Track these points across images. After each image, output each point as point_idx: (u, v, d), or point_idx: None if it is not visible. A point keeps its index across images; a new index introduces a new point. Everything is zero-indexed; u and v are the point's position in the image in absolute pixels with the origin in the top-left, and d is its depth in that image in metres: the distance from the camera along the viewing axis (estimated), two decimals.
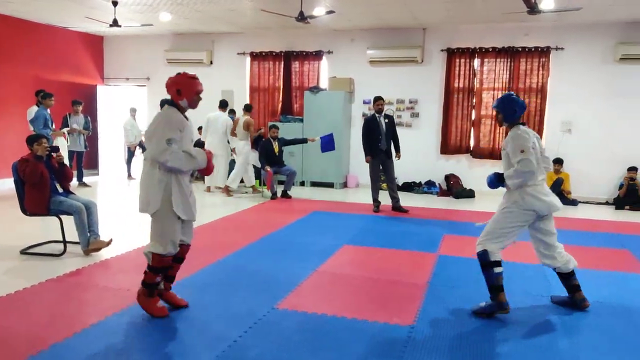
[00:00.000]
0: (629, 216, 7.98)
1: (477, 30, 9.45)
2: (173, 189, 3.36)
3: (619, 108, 8.93)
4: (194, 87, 3.42)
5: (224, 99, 9.58)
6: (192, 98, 3.43)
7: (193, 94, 3.42)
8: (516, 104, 3.79)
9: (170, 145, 3.24)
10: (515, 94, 3.97)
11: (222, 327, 3.42)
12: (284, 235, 6.05)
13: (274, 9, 7.83)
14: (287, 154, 9.50)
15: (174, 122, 3.32)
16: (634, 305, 4.00)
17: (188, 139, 3.41)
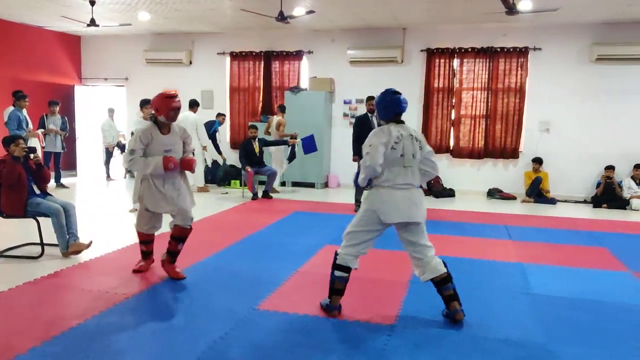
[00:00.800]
0: (607, 214, 8.13)
1: (457, 30, 9.55)
2: (144, 187, 4.26)
3: (596, 107, 9.10)
4: (167, 105, 4.11)
5: (194, 99, 9.50)
6: (168, 114, 4.14)
7: (168, 110, 4.12)
8: (385, 101, 3.58)
9: (132, 154, 4.14)
10: (395, 90, 3.66)
11: (203, 327, 3.40)
12: (265, 236, 6.03)
13: (254, 9, 7.81)
14: (266, 154, 9.46)
15: (141, 137, 4.16)
16: (612, 301, 4.07)
17: (157, 148, 4.16)
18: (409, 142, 3.50)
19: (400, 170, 3.48)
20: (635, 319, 3.73)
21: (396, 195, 3.46)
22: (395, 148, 3.45)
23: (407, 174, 3.50)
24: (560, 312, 3.82)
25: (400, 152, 3.46)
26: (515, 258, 5.25)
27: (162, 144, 4.16)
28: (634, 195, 8.63)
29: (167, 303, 3.86)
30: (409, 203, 3.48)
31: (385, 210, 3.46)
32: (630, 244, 6.07)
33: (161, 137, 4.16)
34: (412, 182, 3.53)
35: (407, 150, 3.48)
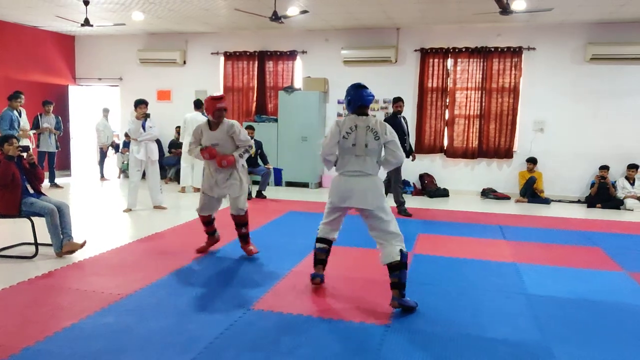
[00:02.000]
0: (601, 214, 8.16)
1: (450, 30, 9.57)
2: (205, 173, 5.06)
3: (590, 107, 9.14)
4: (213, 106, 4.82)
5: (199, 99, 9.47)
6: (214, 113, 4.86)
7: (213, 110, 4.83)
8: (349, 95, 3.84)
9: (189, 145, 5.02)
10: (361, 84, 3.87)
11: (198, 328, 3.39)
12: (259, 236, 6.01)
13: (247, 9, 7.80)
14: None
15: (194, 132, 5.02)
16: (607, 301, 4.09)
17: (207, 141, 4.90)
18: (363, 133, 3.71)
19: (351, 159, 3.74)
20: (629, 318, 3.75)
21: (346, 182, 3.78)
22: (346, 138, 3.72)
23: (358, 162, 3.74)
24: (555, 312, 3.84)
25: (352, 141, 3.72)
26: (510, 258, 5.26)
27: (211, 138, 4.87)
28: (628, 195, 8.68)
29: (162, 303, 3.84)
30: (357, 190, 3.73)
31: (333, 195, 3.88)
32: (625, 243, 6.10)
33: (210, 133, 4.88)
34: (363, 170, 3.75)
35: (359, 140, 3.71)
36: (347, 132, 3.72)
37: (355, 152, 3.72)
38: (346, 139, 3.72)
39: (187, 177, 9.29)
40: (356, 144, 3.71)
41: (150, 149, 7.34)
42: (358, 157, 3.73)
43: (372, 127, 3.74)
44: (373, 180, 3.79)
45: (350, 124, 3.74)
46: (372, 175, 3.79)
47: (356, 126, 3.73)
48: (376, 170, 3.83)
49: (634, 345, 3.31)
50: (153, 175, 7.45)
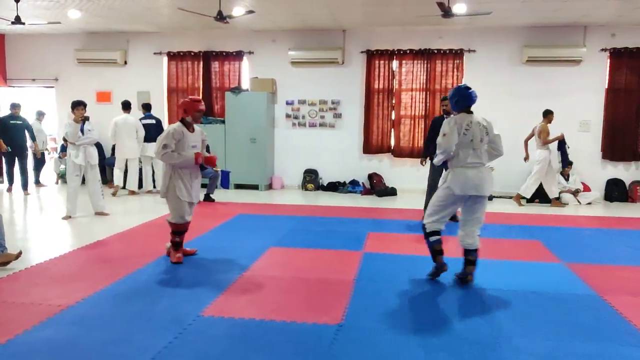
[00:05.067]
0: (539, 209, 8.52)
1: (395, 32, 9.73)
2: (175, 181, 4.77)
3: (527, 107, 9.52)
4: (195, 107, 4.76)
5: (127, 100, 9.37)
6: (195, 115, 4.79)
7: (195, 112, 4.77)
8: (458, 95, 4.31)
9: (165, 149, 4.65)
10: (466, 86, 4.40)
11: (146, 338, 3.26)
12: (208, 240, 5.89)
13: (191, 8, 7.63)
14: None
15: (174, 134, 4.70)
16: (549, 291, 4.26)
17: (186, 144, 4.75)
18: (477, 129, 4.21)
19: (470, 152, 4.20)
20: (571, 307, 3.93)
21: (468, 173, 4.19)
22: (465, 134, 4.15)
23: (476, 154, 4.22)
24: (500, 304, 3.96)
25: (470, 137, 4.17)
26: (456, 253, 5.37)
27: (190, 140, 4.78)
28: (563, 190, 9.11)
29: (107, 313, 3.67)
30: (478, 179, 4.20)
31: (458, 185, 4.19)
32: (561, 236, 6.40)
33: (189, 135, 4.78)
34: (481, 162, 4.26)
35: (475, 135, 4.18)
36: (466, 128, 4.15)
37: (473, 146, 4.19)
38: (465, 135, 4.14)
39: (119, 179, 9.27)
40: (473, 139, 4.18)
41: (89, 153, 7.04)
42: (475, 150, 4.20)
43: (483, 124, 4.28)
44: (488, 170, 4.35)
45: (466, 120, 4.18)
46: (486, 165, 4.33)
47: (472, 122, 4.19)
48: (487, 160, 4.35)
49: (574, 332, 3.46)
50: (93, 180, 7.15)
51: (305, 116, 10.25)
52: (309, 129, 10.28)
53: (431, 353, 3.13)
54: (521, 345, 3.24)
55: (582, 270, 4.83)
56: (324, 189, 10.19)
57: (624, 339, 3.37)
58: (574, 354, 3.15)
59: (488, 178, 4.28)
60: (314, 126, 10.26)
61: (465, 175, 4.19)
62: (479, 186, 4.19)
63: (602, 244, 6.03)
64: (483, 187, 4.21)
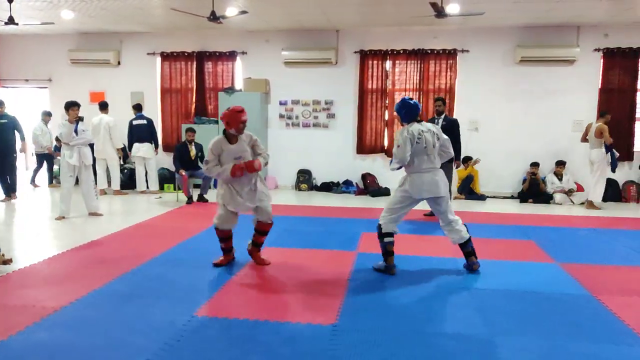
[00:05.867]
0: (532, 209, 8.55)
1: (389, 32, 9.75)
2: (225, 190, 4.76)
3: (521, 107, 9.57)
4: (238, 118, 4.62)
5: (104, 101, 9.50)
6: (238, 126, 4.64)
7: (239, 123, 4.63)
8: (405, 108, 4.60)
9: (207, 164, 4.70)
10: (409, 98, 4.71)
11: (141, 338, 3.25)
12: (201, 241, 5.88)
13: (184, 9, 7.61)
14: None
15: (212, 149, 4.68)
16: (543, 291, 4.27)
17: (229, 157, 4.65)
18: (429, 136, 4.50)
19: (424, 158, 4.50)
20: (564, 307, 3.94)
21: (424, 177, 4.50)
22: (418, 142, 4.44)
23: (429, 160, 4.52)
24: (495, 304, 3.97)
25: (423, 144, 4.46)
26: (450, 253, 5.40)
27: (232, 152, 4.66)
28: (557, 190, 9.15)
29: (101, 315, 3.66)
30: (433, 182, 4.50)
31: (416, 189, 4.50)
32: (555, 236, 6.41)
33: (230, 147, 4.67)
34: (434, 166, 4.56)
35: (428, 142, 4.48)
36: (419, 136, 4.44)
37: (427, 152, 4.49)
38: (418, 143, 4.44)
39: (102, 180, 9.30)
40: (427, 146, 4.47)
41: (83, 154, 7.02)
42: (429, 156, 4.50)
43: (434, 130, 4.57)
44: (441, 172, 4.62)
45: (418, 129, 4.48)
46: (439, 169, 4.61)
47: (422, 131, 4.48)
48: (439, 163, 4.63)
49: (569, 332, 3.47)
50: (87, 181, 7.13)
51: (299, 116, 10.25)
52: (303, 129, 10.28)
53: (427, 352, 3.13)
54: (517, 345, 3.25)
55: (576, 270, 4.85)
56: (317, 189, 10.19)
57: (619, 338, 3.38)
58: (570, 353, 3.16)
59: (442, 180, 4.60)
60: (308, 126, 10.26)
61: (421, 180, 4.51)
62: (435, 188, 4.53)
63: (595, 244, 6.05)
64: (439, 188, 4.54)
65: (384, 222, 4.63)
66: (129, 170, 10.02)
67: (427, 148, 4.49)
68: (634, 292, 4.31)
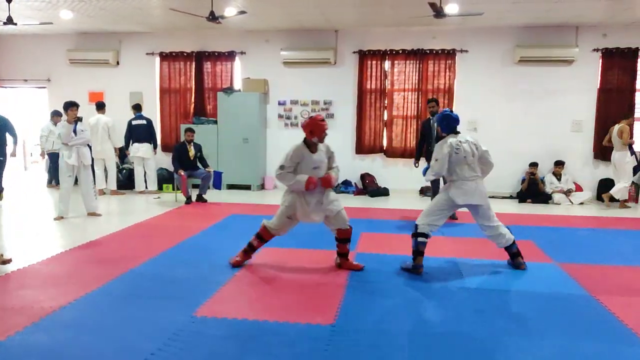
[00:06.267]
0: (531, 209, 8.56)
1: (387, 33, 9.75)
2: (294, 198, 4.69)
3: (520, 107, 9.58)
4: (322, 127, 4.61)
5: (101, 101, 9.50)
6: (322, 135, 4.63)
7: (322, 132, 4.62)
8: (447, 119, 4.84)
9: (282, 169, 4.59)
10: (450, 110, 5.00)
11: (139, 339, 3.25)
12: (200, 241, 5.88)
13: (183, 9, 7.61)
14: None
15: (292, 157, 4.60)
16: (542, 291, 4.28)
17: (307, 166, 4.59)
18: (467, 146, 4.72)
19: (465, 167, 4.70)
20: (563, 307, 3.94)
21: (467, 185, 4.68)
22: (457, 153, 4.66)
23: (471, 168, 4.74)
24: (496, 305, 3.97)
25: (462, 154, 4.67)
26: (449, 254, 5.41)
27: (312, 162, 4.62)
28: (555, 190, 9.16)
29: (99, 315, 3.66)
30: (475, 190, 4.69)
31: (460, 196, 4.67)
32: (553, 236, 6.42)
33: (311, 156, 4.62)
34: (477, 174, 4.77)
35: (467, 152, 4.70)
36: (457, 148, 4.66)
37: (467, 162, 4.70)
38: (457, 154, 4.65)
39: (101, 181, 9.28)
40: (466, 156, 4.69)
41: (82, 154, 7.01)
42: (470, 165, 4.71)
43: (472, 141, 4.81)
44: (482, 181, 4.83)
45: (455, 141, 4.71)
46: (481, 177, 4.83)
47: (460, 142, 4.71)
48: (480, 172, 4.83)
49: (568, 331, 3.48)
50: (86, 181, 7.12)
51: (298, 116, 10.25)
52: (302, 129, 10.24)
53: (426, 353, 3.14)
54: (516, 345, 3.26)
55: (574, 270, 4.85)
56: None
57: (618, 338, 3.39)
58: (570, 353, 3.16)
59: (482, 189, 4.78)
60: None
61: (464, 188, 4.68)
62: (476, 196, 4.70)
63: (594, 244, 6.06)
64: (479, 197, 4.72)
65: (422, 223, 4.72)
66: (127, 171, 10.02)
67: (467, 158, 4.69)
68: (633, 292, 4.32)
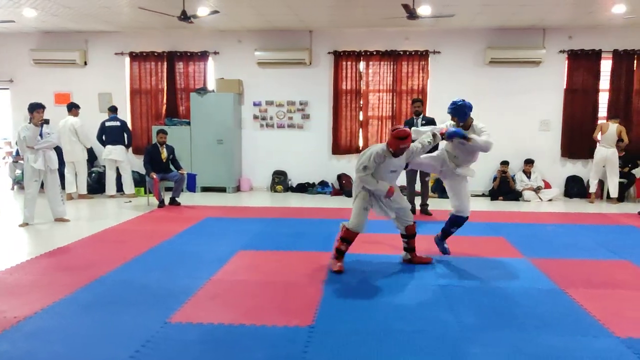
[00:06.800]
0: (503, 206, 8.69)
1: (362, 34, 9.76)
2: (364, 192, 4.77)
3: (491, 107, 9.69)
4: (397, 144, 4.58)
5: (72, 103, 9.26)
6: (396, 150, 4.62)
7: (395, 148, 4.61)
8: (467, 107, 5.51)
9: (365, 171, 4.66)
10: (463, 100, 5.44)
11: (110, 348, 3.14)
12: (174, 245, 5.75)
13: (154, 8, 7.46)
14: None
15: (375, 158, 4.64)
16: (513, 286, 4.33)
17: (386, 168, 4.67)
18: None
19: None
20: (534, 301, 4.01)
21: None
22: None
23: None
24: (468, 301, 3.99)
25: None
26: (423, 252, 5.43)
27: (391, 165, 4.71)
28: (526, 187, 9.33)
29: (69, 324, 3.52)
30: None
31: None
32: (524, 232, 6.53)
33: (392, 160, 4.68)
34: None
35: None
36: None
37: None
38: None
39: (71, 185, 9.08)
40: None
41: (49, 158, 6.79)
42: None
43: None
44: None
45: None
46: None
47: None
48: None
49: (539, 325, 3.52)
50: (53, 186, 6.90)
51: (273, 117, 10.18)
52: (277, 130, 10.22)
53: (401, 351, 3.12)
54: (487, 340, 3.27)
55: (544, 265, 4.94)
56: (293, 191, 10.14)
57: (586, 330, 3.45)
58: (539, 346, 3.20)
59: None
60: (282, 127, 10.20)
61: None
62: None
63: (563, 239, 6.18)
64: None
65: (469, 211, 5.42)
66: (96, 174, 9.79)
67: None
68: (599, 284, 4.42)
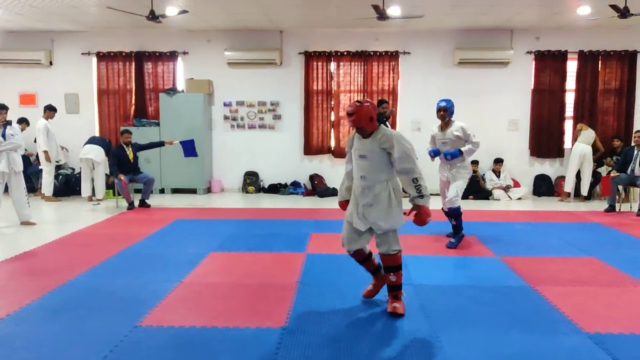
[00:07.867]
0: (473, 205, 8.82)
1: (332, 34, 9.79)
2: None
3: (460, 107, 9.72)
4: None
5: (49, 104, 9.06)
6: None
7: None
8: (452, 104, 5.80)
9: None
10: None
11: (79, 353, 3.07)
12: (144, 248, 5.66)
13: (121, 7, 7.34)
14: (142, 160, 8.97)
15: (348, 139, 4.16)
16: (485, 285, 4.39)
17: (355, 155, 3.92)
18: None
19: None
20: (504, 299, 4.07)
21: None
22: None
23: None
24: (439, 300, 4.04)
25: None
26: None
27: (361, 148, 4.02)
28: (495, 186, 9.51)
29: (34, 330, 3.44)
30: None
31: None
32: (495, 230, 6.67)
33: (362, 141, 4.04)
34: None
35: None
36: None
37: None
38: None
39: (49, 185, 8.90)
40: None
41: (13, 159, 6.61)
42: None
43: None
44: None
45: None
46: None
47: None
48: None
49: (510, 323, 3.58)
50: (18, 188, 6.72)
51: (244, 118, 10.13)
52: (248, 130, 10.16)
53: (373, 351, 3.14)
54: (458, 339, 3.32)
55: (514, 263, 5.04)
56: (265, 191, 10.10)
57: (556, 328, 3.52)
58: (510, 345, 3.25)
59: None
60: (254, 128, 10.15)
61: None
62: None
63: (532, 237, 6.32)
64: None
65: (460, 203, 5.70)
66: (63, 176, 9.55)
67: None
68: (567, 281, 4.52)
